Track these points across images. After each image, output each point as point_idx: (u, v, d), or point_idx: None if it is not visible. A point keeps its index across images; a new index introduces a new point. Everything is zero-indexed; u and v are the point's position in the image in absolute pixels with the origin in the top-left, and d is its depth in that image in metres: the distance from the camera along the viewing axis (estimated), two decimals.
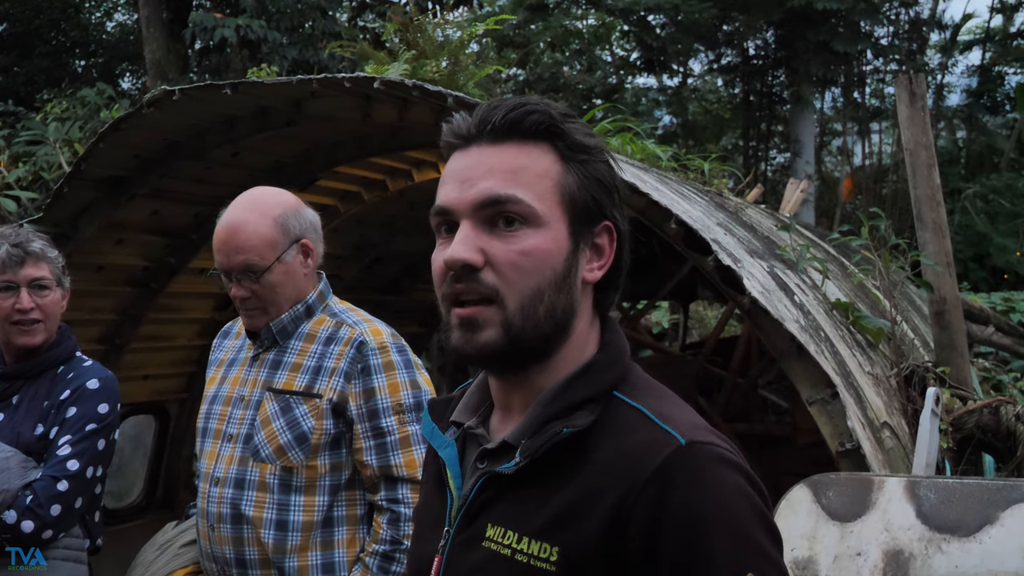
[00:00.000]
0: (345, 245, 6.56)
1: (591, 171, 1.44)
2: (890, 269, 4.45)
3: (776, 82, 19.58)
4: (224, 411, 2.98)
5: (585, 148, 1.45)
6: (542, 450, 1.37)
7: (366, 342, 2.85)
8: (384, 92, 4.20)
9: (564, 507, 1.34)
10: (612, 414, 1.40)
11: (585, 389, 1.41)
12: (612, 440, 1.37)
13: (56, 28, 20.07)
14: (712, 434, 1.37)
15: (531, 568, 1.34)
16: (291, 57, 13.28)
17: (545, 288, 1.40)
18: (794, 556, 2.75)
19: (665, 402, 1.43)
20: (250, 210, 2.87)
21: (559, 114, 1.45)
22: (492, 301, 1.39)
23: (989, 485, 2.71)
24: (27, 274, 3.20)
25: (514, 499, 1.41)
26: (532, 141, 1.43)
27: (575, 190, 1.43)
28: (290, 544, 2.81)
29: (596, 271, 1.46)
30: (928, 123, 4.24)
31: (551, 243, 1.41)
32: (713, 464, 1.32)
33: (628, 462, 1.33)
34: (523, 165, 1.42)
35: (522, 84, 17.44)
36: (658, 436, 1.34)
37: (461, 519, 1.47)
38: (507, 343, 1.40)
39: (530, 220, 1.40)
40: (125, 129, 4.77)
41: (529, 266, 1.39)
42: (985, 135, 19.39)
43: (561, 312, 1.42)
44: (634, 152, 5.99)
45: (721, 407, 8.30)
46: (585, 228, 1.44)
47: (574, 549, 1.32)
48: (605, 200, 1.45)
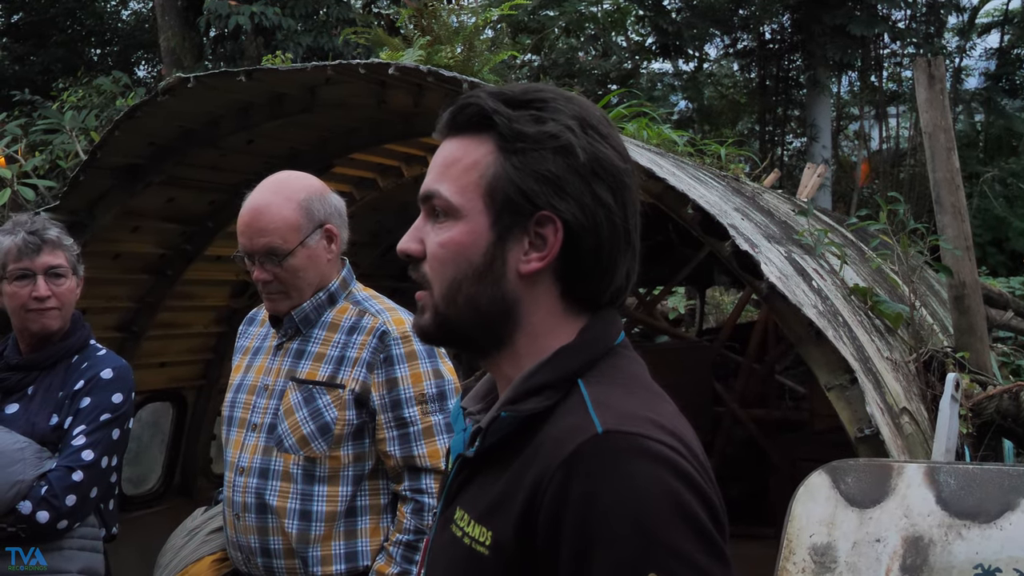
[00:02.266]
0: (360, 232, 6.54)
1: (528, 161, 1.41)
2: (908, 254, 4.42)
3: (792, 66, 19.45)
4: (249, 400, 2.98)
5: (524, 137, 1.42)
6: (491, 436, 1.40)
7: (388, 331, 2.84)
8: (399, 78, 4.19)
9: (500, 492, 1.36)
10: (566, 401, 1.38)
11: (542, 376, 1.40)
12: (551, 427, 1.36)
13: (72, 17, 20.14)
14: (652, 425, 1.31)
15: (472, 552, 1.36)
16: (306, 44, 13.27)
17: (461, 279, 1.43)
18: (812, 542, 2.74)
19: (617, 390, 1.39)
20: (275, 193, 2.86)
21: (501, 104, 1.43)
22: (426, 288, 1.47)
23: (1009, 471, 2.69)
24: (43, 262, 3.20)
25: (477, 483, 1.44)
26: (475, 133, 1.45)
27: (502, 182, 1.42)
28: (314, 534, 2.82)
29: (533, 263, 1.43)
30: (947, 106, 4.20)
31: (466, 236, 1.43)
32: (628, 455, 1.26)
33: (548, 448, 1.32)
34: (456, 158, 1.46)
35: (537, 70, 17.38)
36: (581, 422, 1.32)
37: (443, 501, 1.52)
38: (436, 327, 1.48)
39: (450, 213, 1.44)
40: (140, 117, 4.77)
41: (445, 257, 1.44)
42: (1004, 118, 19.23)
43: (487, 302, 1.44)
44: (650, 137, 5.96)
45: (738, 393, 8.30)
46: (514, 220, 1.42)
47: (502, 534, 1.33)
48: (542, 190, 1.41)
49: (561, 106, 1.44)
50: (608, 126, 1.48)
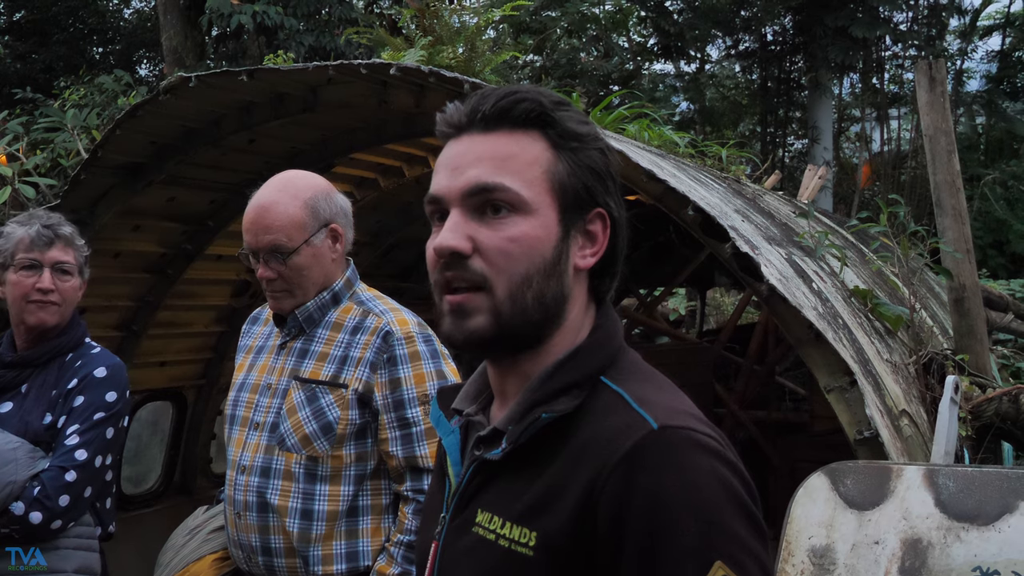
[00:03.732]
0: (361, 232, 6.50)
1: (583, 159, 1.45)
2: (909, 256, 4.42)
3: (794, 68, 19.45)
4: (251, 399, 2.98)
5: (577, 136, 1.46)
6: (525, 436, 1.40)
7: (392, 332, 2.85)
8: (400, 79, 4.19)
9: (542, 492, 1.36)
10: (596, 399, 1.41)
11: (570, 374, 1.42)
12: (590, 425, 1.37)
13: (74, 15, 20.13)
14: (692, 419, 1.36)
15: (512, 553, 1.36)
16: (307, 43, 13.27)
17: (534, 275, 1.42)
18: (811, 544, 2.74)
19: (648, 386, 1.42)
20: (281, 191, 2.87)
21: (550, 102, 1.46)
22: (481, 288, 1.41)
23: (1008, 474, 2.69)
24: (53, 256, 3.21)
25: (502, 485, 1.43)
26: (522, 129, 1.45)
27: (565, 177, 1.44)
28: (315, 533, 2.82)
29: (589, 258, 1.47)
30: (948, 109, 4.20)
31: (539, 230, 1.42)
32: (685, 448, 1.30)
33: (601, 446, 1.33)
34: (512, 153, 1.44)
35: (539, 70, 17.38)
36: (632, 420, 1.34)
37: (455, 505, 1.50)
38: (496, 330, 1.42)
39: (518, 207, 1.42)
40: (142, 116, 4.78)
41: (517, 253, 1.41)
42: (1005, 121, 19.21)
43: (551, 298, 1.44)
44: (651, 139, 5.96)
45: (738, 394, 8.30)
46: (576, 215, 1.45)
47: (550, 533, 1.33)
48: (597, 187, 1.46)
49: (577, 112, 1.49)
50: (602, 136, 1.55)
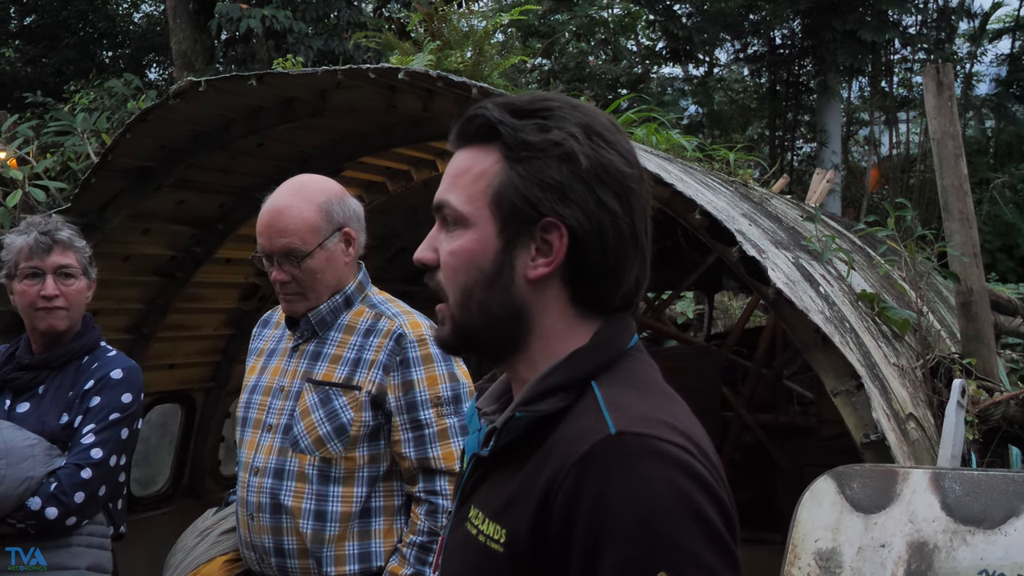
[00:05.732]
0: (369, 235, 6.49)
1: (532, 169, 1.44)
2: (916, 260, 4.42)
3: (803, 71, 19.41)
4: (264, 401, 3.00)
5: (529, 146, 1.44)
6: (505, 437, 1.42)
7: (405, 334, 2.87)
8: (409, 83, 4.21)
9: (515, 490, 1.38)
10: (580, 402, 1.41)
11: (556, 377, 1.43)
12: (564, 427, 1.38)
13: (84, 19, 20.22)
14: (664, 427, 1.33)
15: (487, 549, 1.39)
16: (316, 48, 13.31)
17: (473, 286, 1.47)
18: (818, 547, 2.74)
19: (629, 392, 1.41)
20: (295, 195, 2.90)
21: (506, 114, 1.46)
22: (443, 297, 1.50)
23: (1015, 477, 2.70)
24: (53, 261, 3.24)
25: (491, 481, 1.46)
26: (480, 144, 1.49)
27: (508, 189, 1.45)
28: (328, 534, 2.84)
29: (540, 268, 1.45)
30: (955, 113, 4.21)
31: (475, 243, 1.47)
32: (641, 456, 1.29)
33: (562, 448, 1.34)
34: (465, 168, 1.49)
35: (547, 74, 17.39)
36: (595, 424, 1.34)
37: (458, 500, 1.54)
38: (457, 337, 1.51)
39: (460, 222, 1.48)
40: (152, 120, 4.80)
41: (456, 265, 1.48)
42: (1014, 125, 19.15)
43: (498, 308, 1.46)
44: (659, 143, 5.97)
45: (746, 398, 8.30)
46: (520, 227, 1.45)
47: (516, 531, 1.35)
48: (546, 197, 1.43)
49: (566, 114, 1.46)
50: (615, 132, 1.49)
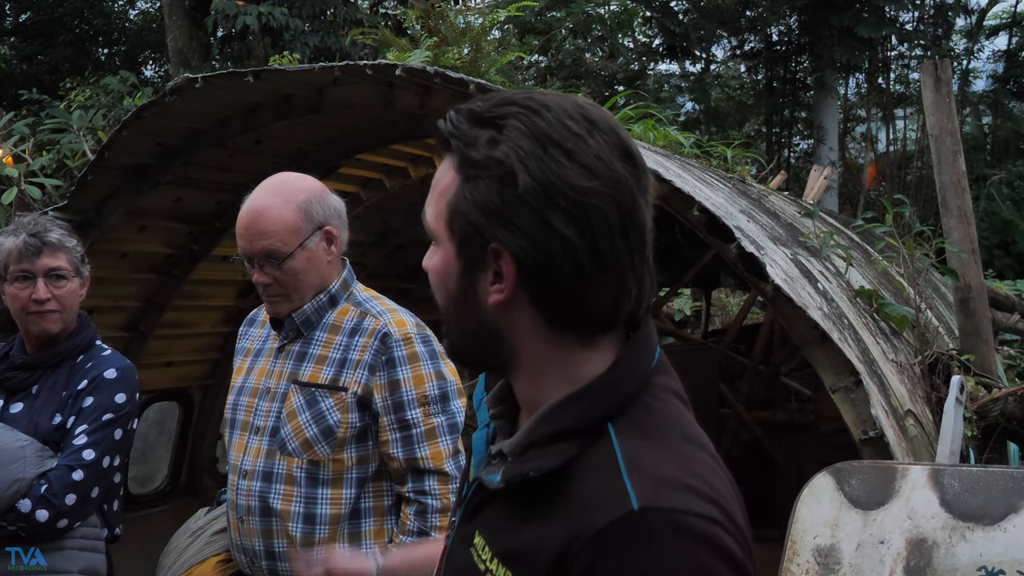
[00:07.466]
0: (367, 232, 6.56)
1: (476, 191, 1.31)
2: (914, 256, 4.42)
3: (799, 68, 19.41)
4: (251, 403, 2.98)
5: (474, 164, 1.31)
6: (515, 482, 1.32)
7: (390, 333, 2.84)
8: (406, 79, 4.19)
9: (526, 540, 1.29)
10: (595, 451, 1.29)
11: (569, 418, 1.31)
12: (580, 482, 1.28)
13: (79, 16, 20.16)
14: (688, 492, 1.23)
15: None
16: (313, 44, 13.28)
17: (447, 307, 1.40)
18: (816, 544, 2.74)
19: (651, 445, 1.29)
20: (274, 195, 2.85)
21: (464, 122, 1.34)
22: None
23: (1014, 473, 2.70)
24: (44, 264, 3.17)
25: (498, 512, 1.38)
26: (448, 154, 1.37)
27: (457, 213, 1.33)
28: (318, 537, 2.83)
29: (495, 295, 1.33)
30: (953, 109, 4.20)
31: (441, 263, 1.39)
32: (665, 534, 1.19)
33: (580, 513, 1.24)
34: (437, 180, 1.38)
35: (544, 71, 17.37)
36: (615, 490, 1.23)
37: (463, 514, 1.47)
38: (452, 351, 1.46)
39: (434, 238, 1.39)
40: (148, 117, 4.79)
41: (434, 283, 1.41)
42: (1011, 121, 19.17)
43: (472, 330, 1.38)
44: (656, 139, 5.97)
45: (744, 395, 8.30)
46: (473, 251, 1.33)
47: None
48: (488, 223, 1.30)
49: (520, 123, 1.30)
50: (580, 139, 1.29)
